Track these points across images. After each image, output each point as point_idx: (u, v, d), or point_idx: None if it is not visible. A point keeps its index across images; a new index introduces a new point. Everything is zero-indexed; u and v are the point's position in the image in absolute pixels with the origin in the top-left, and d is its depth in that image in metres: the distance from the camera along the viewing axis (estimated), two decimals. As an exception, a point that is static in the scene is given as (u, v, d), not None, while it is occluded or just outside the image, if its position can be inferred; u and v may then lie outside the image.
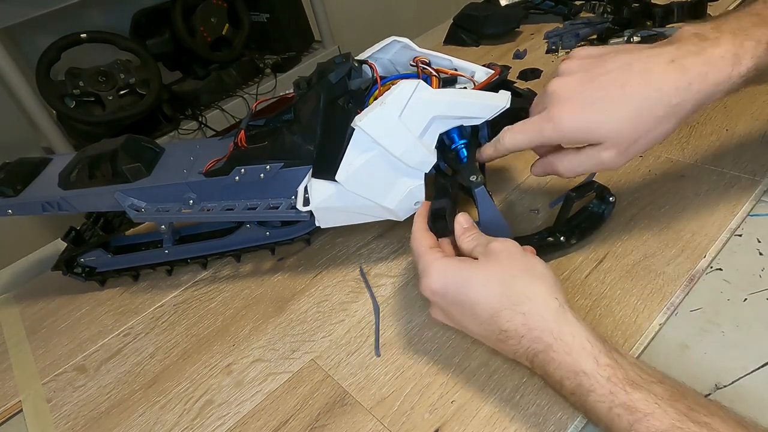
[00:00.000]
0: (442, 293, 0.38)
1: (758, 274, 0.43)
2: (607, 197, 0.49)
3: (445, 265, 0.39)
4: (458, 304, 0.38)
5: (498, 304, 0.36)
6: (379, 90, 0.50)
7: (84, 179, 0.57)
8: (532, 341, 0.34)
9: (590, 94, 0.38)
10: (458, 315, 0.38)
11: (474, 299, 0.37)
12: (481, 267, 0.38)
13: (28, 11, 1.21)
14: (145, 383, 0.50)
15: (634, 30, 0.81)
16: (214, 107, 1.50)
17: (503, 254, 0.38)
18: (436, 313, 0.41)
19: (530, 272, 0.37)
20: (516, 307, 0.35)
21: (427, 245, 0.41)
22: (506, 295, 0.36)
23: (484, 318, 0.36)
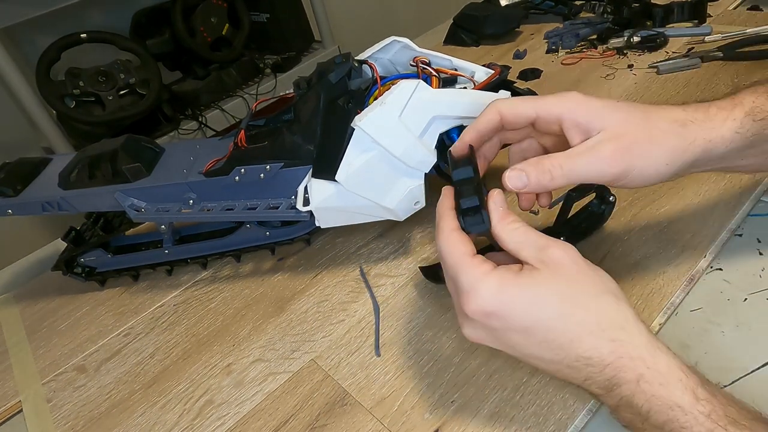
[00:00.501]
0: (503, 316, 0.31)
1: (758, 274, 0.43)
2: (607, 197, 0.49)
3: (504, 280, 0.31)
4: (524, 329, 0.31)
5: (581, 328, 0.30)
6: (379, 90, 0.51)
7: (84, 179, 0.57)
8: (618, 370, 0.30)
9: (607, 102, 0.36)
10: (519, 340, 0.32)
11: (548, 323, 0.31)
12: (550, 282, 0.31)
13: (28, 11, 1.21)
14: (145, 383, 0.50)
15: (634, 30, 0.82)
16: (214, 107, 1.50)
17: (572, 267, 0.32)
18: (476, 335, 0.33)
19: (609, 290, 0.32)
20: (604, 332, 0.30)
21: (465, 252, 0.33)
22: (590, 319, 0.31)
23: (559, 344, 0.31)
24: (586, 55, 0.83)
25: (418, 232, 0.57)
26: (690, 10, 0.82)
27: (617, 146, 0.34)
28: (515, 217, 0.34)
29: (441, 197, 0.37)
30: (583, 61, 0.82)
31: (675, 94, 0.68)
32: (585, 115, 0.34)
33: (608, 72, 0.77)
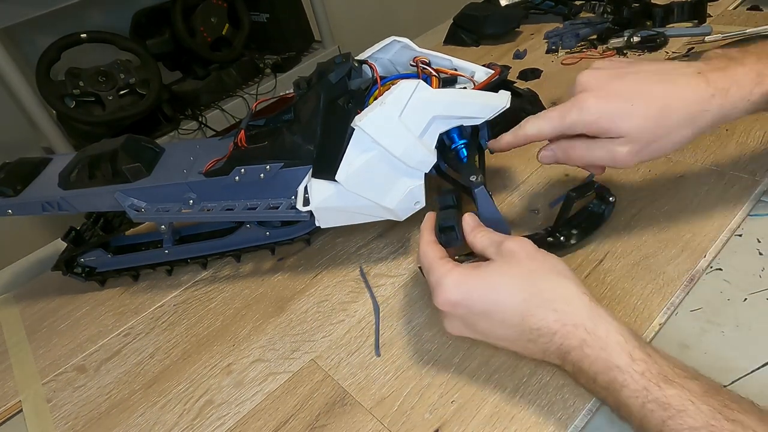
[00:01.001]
0: (465, 303, 0.36)
1: (758, 274, 0.43)
2: (607, 197, 0.49)
3: (462, 274, 0.37)
4: (483, 312, 0.36)
5: (528, 303, 0.35)
6: (379, 90, 0.50)
7: (84, 179, 0.57)
8: (564, 337, 0.34)
9: (619, 88, 0.39)
10: (483, 323, 0.37)
11: (502, 303, 0.36)
12: (503, 269, 0.37)
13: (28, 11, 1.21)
14: (145, 383, 0.50)
15: (634, 30, 0.81)
16: (214, 107, 1.50)
17: (521, 253, 0.37)
18: (453, 326, 0.39)
19: (554, 270, 0.36)
20: (547, 304, 0.35)
21: (436, 257, 0.39)
22: (536, 294, 0.35)
23: (514, 321, 0.35)
24: (586, 55, 0.83)
25: (418, 232, 0.57)
26: (690, 10, 0.82)
27: (633, 149, 0.39)
28: (484, 227, 0.41)
29: (425, 219, 0.45)
30: (583, 61, 0.82)
31: (675, 94, 0.68)
32: (605, 126, 0.39)
33: (608, 72, 0.77)
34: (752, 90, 0.37)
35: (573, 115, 0.40)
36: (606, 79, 0.40)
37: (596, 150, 0.40)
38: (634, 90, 0.39)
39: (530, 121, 0.43)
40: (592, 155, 0.41)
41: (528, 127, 0.43)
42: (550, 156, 0.44)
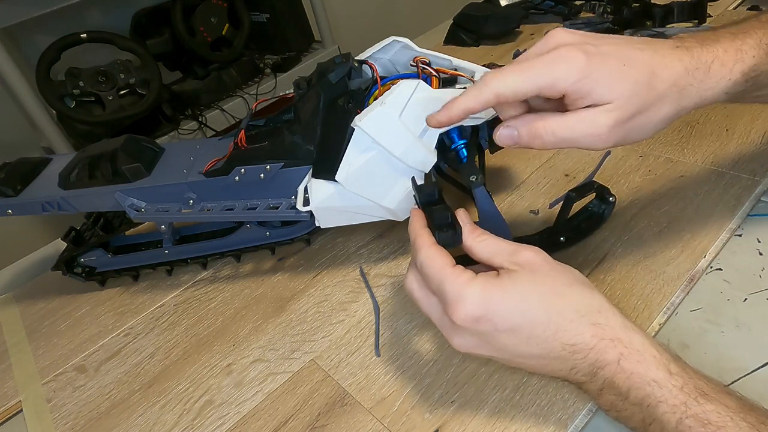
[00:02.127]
0: (490, 318, 0.32)
1: (758, 274, 0.43)
2: (607, 197, 0.49)
3: (485, 286, 0.32)
4: (510, 328, 0.32)
5: (562, 317, 0.32)
6: (379, 90, 0.50)
7: (84, 179, 0.57)
8: (601, 352, 0.31)
9: (605, 48, 0.33)
10: (507, 340, 0.33)
11: (533, 318, 0.32)
12: (528, 280, 0.33)
13: (28, 11, 1.21)
14: (145, 383, 0.50)
15: (634, 30, 0.81)
16: (214, 107, 1.50)
17: (543, 264, 0.34)
18: (465, 343, 0.34)
19: (579, 280, 0.34)
20: (584, 318, 0.32)
21: (447, 264, 0.34)
22: (568, 307, 0.32)
23: (545, 336, 0.32)
24: (586, 55, 0.83)
25: (418, 232, 0.57)
26: (690, 10, 0.82)
27: (618, 119, 0.33)
28: (481, 230, 0.36)
29: (411, 219, 0.38)
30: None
31: (675, 94, 0.68)
32: (593, 86, 0.33)
33: (608, 72, 0.77)
34: (732, 67, 0.35)
35: (561, 69, 0.32)
36: (587, 38, 0.34)
37: (572, 122, 0.33)
38: (621, 53, 0.33)
39: (499, 75, 0.33)
40: (566, 131, 0.33)
41: (496, 84, 0.33)
42: (510, 135, 0.35)
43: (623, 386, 0.31)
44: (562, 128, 0.34)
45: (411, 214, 0.39)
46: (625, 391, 0.31)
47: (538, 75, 0.33)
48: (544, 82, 0.33)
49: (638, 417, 0.31)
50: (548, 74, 0.33)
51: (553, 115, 0.34)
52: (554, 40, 0.35)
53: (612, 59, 0.33)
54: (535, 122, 0.34)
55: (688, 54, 0.35)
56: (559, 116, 0.34)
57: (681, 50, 0.35)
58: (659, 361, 0.31)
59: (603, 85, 0.33)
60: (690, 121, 0.61)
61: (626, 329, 0.32)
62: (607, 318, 0.32)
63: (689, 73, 0.34)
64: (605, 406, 0.33)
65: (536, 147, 0.35)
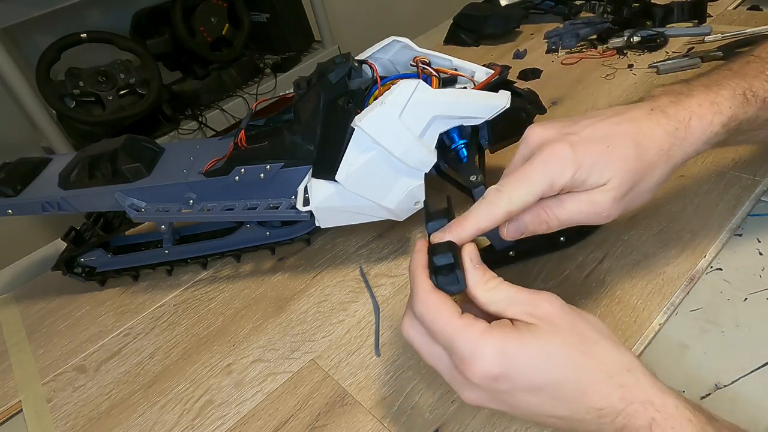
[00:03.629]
0: (509, 377, 0.29)
1: (758, 274, 0.43)
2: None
3: (504, 341, 0.29)
4: (532, 388, 0.29)
5: (590, 378, 0.29)
6: (379, 90, 0.50)
7: (84, 179, 0.57)
8: (630, 417, 0.29)
9: (584, 134, 0.34)
10: (528, 399, 0.30)
11: (558, 377, 0.29)
12: (551, 337, 0.30)
13: (28, 11, 1.21)
14: (145, 383, 0.50)
15: (634, 30, 0.81)
16: (214, 107, 1.50)
17: (565, 318, 0.31)
18: (478, 398, 0.31)
19: (605, 335, 0.31)
20: (611, 379, 0.29)
21: (453, 314, 0.30)
22: (595, 367, 0.29)
23: (571, 398, 0.29)
24: (586, 55, 0.83)
25: (418, 232, 0.57)
26: (690, 10, 0.82)
27: (615, 196, 0.34)
28: (491, 273, 0.32)
29: (414, 253, 0.34)
30: (583, 61, 0.82)
31: (675, 94, 0.68)
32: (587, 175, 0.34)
33: (608, 72, 0.77)
34: (712, 120, 0.36)
35: (555, 170, 0.33)
36: (563, 128, 0.35)
37: (574, 206, 0.34)
38: (600, 134, 0.34)
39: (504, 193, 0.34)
40: (569, 214, 0.35)
41: (505, 203, 0.34)
42: (518, 228, 0.36)
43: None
44: (565, 213, 0.35)
45: (415, 246, 0.35)
46: None
47: (537, 184, 0.34)
48: (544, 188, 0.34)
49: None
50: (545, 179, 0.33)
51: (554, 201, 0.35)
52: (534, 139, 0.35)
53: (595, 144, 0.34)
54: (539, 212, 0.35)
55: (664, 116, 0.36)
56: (560, 202, 0.35)
57: (656, 113, 0.36)
58: (695, 425, 0.28)
59: (595, 172, 0.33)
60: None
61: (658, 391, 0.29)
62: (637, 378, 0.29)
63: (670, 135, 0.35)
64: None
65: (542, 232, 0.36)
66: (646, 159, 0.34)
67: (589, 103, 0.71)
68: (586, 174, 0.33)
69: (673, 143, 0.35)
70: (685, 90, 0.37)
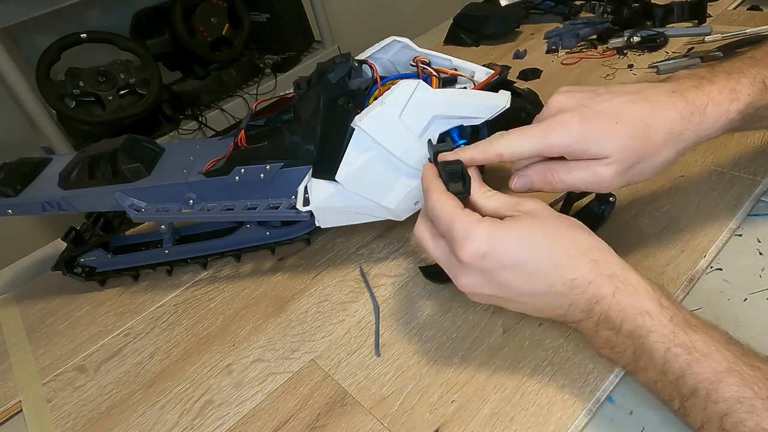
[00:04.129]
0: (495, 254, 0.34)
1: (758, 274, 0.43)
2: (607, 197, 0.49)
3: (492, 225, 0.35)
4: (513, 263, 0.35)
5: (563, 254, 0.34)
6: (379, 90, 0.50)
7: (84, 179, 0.57)
8: (599, 286, 0.33)
9: (600, 108, 0.38)
10: (510, 276, 0.35)
11: (535, 254, 0.34)
12: (531, 222, 0.35)
13: (28, 11, 1.21)
14: (145, 383, 0.50)
15: (634, 30, 0.81)
16: (214, 107, 1.50)
17: (545, 211, 0.36)
18: (471, 282, 0.36)
19: (578, 225, 0.36)
20: (584, 255, 0.34)
21: (457, 206, 0.36)
22: (569, 246, 0.35)
23: (546, 270, 0.34)
24: (586, 55, 0.83)
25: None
26: (690, 10, 0.82)
27: (617, 170, 0.37)
28: (488, 187, 0.39)
29: (424, 171, 0.41)
30: (583, 61, 0.82)
31: (675, 94, 0.68)
32: (588, 147, 0.37)
33: (608, 72, 0.77)
34: (728, 107, 0.38)
35: (556, 135, 0.37)
36: (584, 99, 0.38)
37: (578, 172, 0.38)
38: (615, 110, 0.37)
39: (504, 138, 0.39)
40: (573, 178, 0.38)
41: (501, 145, 0.39)
42: (525, 183, 0.40)
43: (617, 319, 0.33)
44: (569, 177, 0.38)
45: (424, 167, 0.41)
46: (618, 324, 0.33)
47: (535, 141, 0.38)
48: (541, 147, 0.38)
49: (630, 350, 0.33)
50: (543, 140, 0.38)
51: (561, 164, 0.39)
52: (554, 105, 0.39)
53: (605, 119, 0.37)
54: (545, 172, 0.39)
55: (683, 100, 0.38)
56: (566, 166, 0.39)
57: (676, 96, 0.38)
58: (651, 295, 0.33)
59: (597, 145, 0.37)
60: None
61: (622, 267, 0.34)
62: (606, 256, 0.35)
63: (684, 119, 0.37)
64: (599, 344, 0.35)
65: (548, 191, 0.40)
66: (653, 140, 0.37)
67: (589, 103, 0.71)
68: (586, 146, 0.37)
69: (685, 127, 0.37)
70: (708, 75, 0.39)
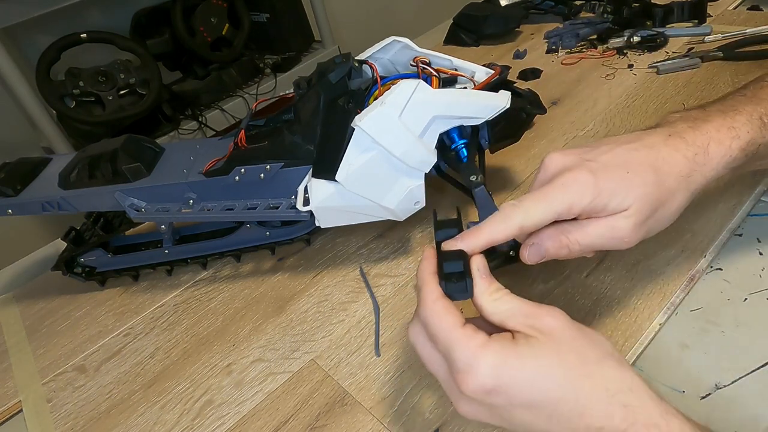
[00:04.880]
0: (505, 392, 0.29)
1: (758, 274, 0.43)
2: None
3: (501, 353, 0.29)
4: (528, 404, 0.29)
5: (590, 397, 0.28)
6: (379, 90, 0.50)
7: (84, 179, 0.57)
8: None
9: (603, 159, 0.34)
10: (523, 416, 0.29)
11: (556, 395, 0.28)
12: (550, 351, 0.29)
13: (28, 11, 1.21)
14: (145, 383, 0.50)
15: (634, 30, 0.82)
16: (214, 107, 1.50)
17: (567, 333, 0.30)
18: (475, 412, 0.31)
19: (608, 353, 0.30)
20: (614, 398, 0.28)
21: (456, 324, 0.30)
22: (599, 387, 0.28)
23: (567, 417, 0.29)
24: (586, 55, 0.83)
25: (418, 232, 0.57)
26: (690, 10, 0.82)
27: (636, 221, 0.34)
28: (497, 285, 0.32)
29: (422, 260, 0.34)
30: (583, 61, 0.82)
31: (675, 94, 0.68)
32: (607, 201, 0.34)
33: (608, 72, 0.77)
34: (731, 145, 0.36)
35: (574, 193, 0.33)
36: (583, 154, 0.35)
37: (595, 231, 0.34)
38: (620, 159, 0.34)
39: (519, 209, 0.34)
40: (590, 239, 0.34)
41: (519, 218, 0.34)
42: (539, 252, 0.36)
43: None
44: (587, 238, 0.35)
45: (424, 254, 0.35)
46: None
47: (554, 204, 0.34)
48: (561, 209, 0.33)
49: None
50: (563, 201, 0.33)
51: (575, 225, 0.35)
52: (554, 165, 0.36)
53: (615, 170, 0.34)
54: (560, 237, 0.35)
55: (683, 142, 0.36)
56: (580, 227, 0.35)
57: (675, 138, 0.36)
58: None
59: (616, 197, 0.33)
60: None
61: (663, 412, 0.28)
62: (641, 399, 0.28)
63: (690, 161, 0.35)
64: None
65: (563, 258, 0.36)
66: (666, 185, 0.34)
67: (589, 104, 0.71)
68: (606, 199, 0.33)
69: (693, 169, 0.35)
70: (701, 115, 0.37)
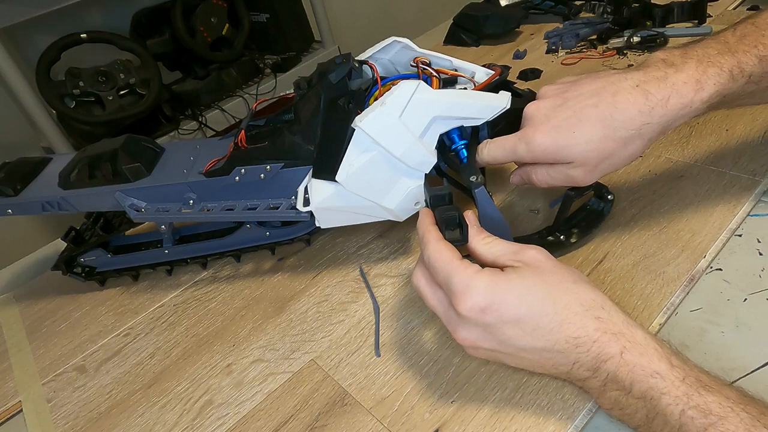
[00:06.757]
0: (496, 309, 0.34)
1: (758, 274, 0.43)
2: (606, 195, 0.49)
3: (492, 278, 0.34)
4: (515, 319, 0.34)
5: (567, 310, 0.34)
6: (379, 90, 0.50)
7: (84, 179, 0.57)
8: (604, 345, 0.32)
9: (561, 118, 0.40)
10: (512, 331, 0.34)
11: (539, 309, 0.33)
12: (534, 275, 0.35)
13: (28, 11, 1.21)
14: (145, 383, 0.50)
15: (634, 30, 0.81)
16: (214, 107, 1.50)
17: (547, 263, 0.36)
18: (471, 336, 0.35)
19: (582, 279, 0.36)
20: (588, 311, 0.33)
21: (455, 257, 0.36)
22: (573, 302, 0.34)
23: (550, 327, 0.33)
24: (586, 55, 0.83)
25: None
26: (690, 10, 0.82)
27: (584, 171, 0.41)
28: (486, 233, 0.39)
29: (420, 217, 0.41)
30: (583, 61, 0.82)
31: (675, 94, 0.68)
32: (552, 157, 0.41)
33: (608, 72, 0.77)
34: (692, 98, 0.38)
35: (521, 151, 0.42)
36: (548, 110, 0.42)
37: (555, 174, 0.42)
38: (574, 117, 0.40)
39: (486, 146, 0.45)
40: (552, 179, 0.43)
41: (484, 153, 0.45)
42: (517, 180, 0.46)
43: (626, 379, 0.32)
44: (547, 177, 0.43)
45: (420, 212, 0.41)
46: (628, 384, 0.32)
47: (509, 153, 0.43)
48: (513, 158, 0.44)
49: (642, 412, 0.32)
50: (515, 153, 0.43)
51: (542, 167, 0.43)
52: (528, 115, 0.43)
53: (563, 130, 0.40)
54: (530, 173, 0.44)
55: (644, 95, 0.39)
56: (545, 169, 0.43)
57: (638, 91, 0.39)
58: (661, 354, 0.32)
59: (559, 154, 0.41)
60: (690, 122, 0.61)
61: (628, 325, 0.33)
62: (610, 314, 0.34)
63: (644, 114, 0.39)
64: (608, 405, 0.34)
65: (535, 186, 0.45)
66: (614, 137, 0.39)
67: (589, 103, 0.71)
68: (551, 156, 0.41)
69: (644, 122, 0.39)
70: (678, 62, 0.40)
